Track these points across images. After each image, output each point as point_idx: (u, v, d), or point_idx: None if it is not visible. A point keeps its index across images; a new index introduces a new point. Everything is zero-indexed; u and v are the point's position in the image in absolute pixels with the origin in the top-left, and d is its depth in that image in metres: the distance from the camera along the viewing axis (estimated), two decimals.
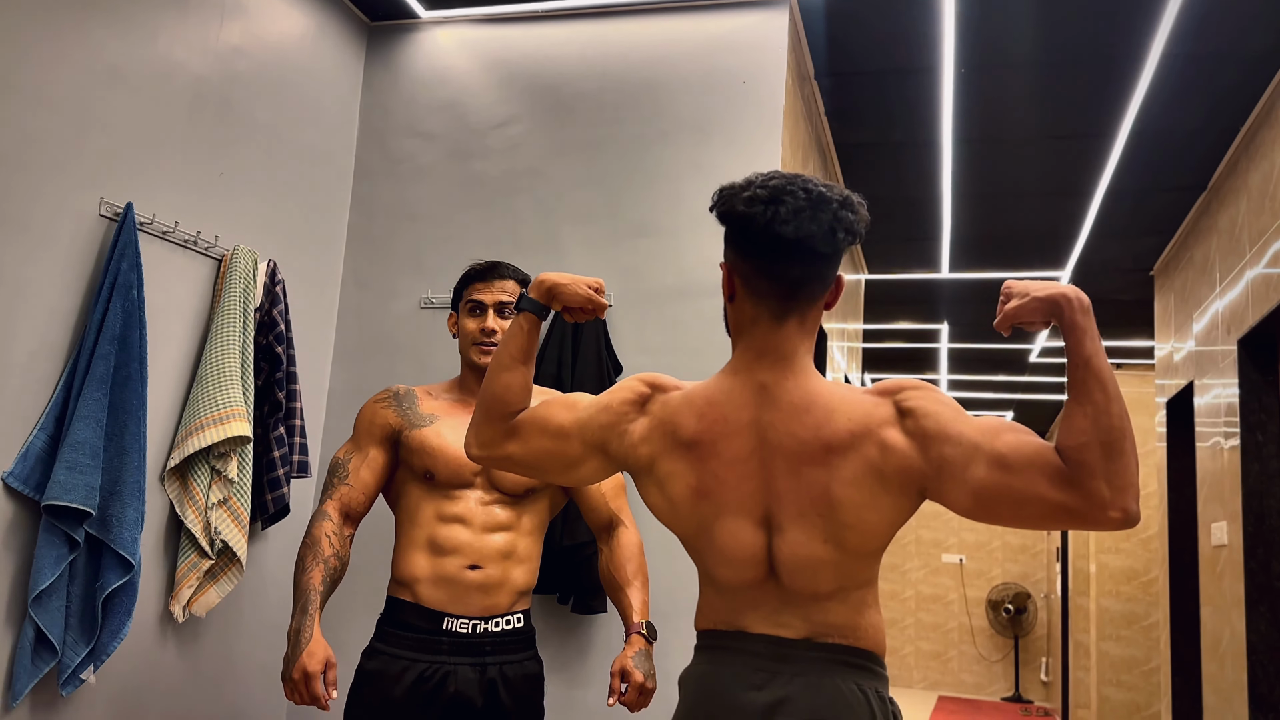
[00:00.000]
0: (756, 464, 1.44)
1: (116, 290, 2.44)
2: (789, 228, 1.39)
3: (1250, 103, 3.68)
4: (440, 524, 2.09)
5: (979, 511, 1.36)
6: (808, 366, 1.48)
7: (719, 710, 1.46)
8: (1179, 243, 5.05)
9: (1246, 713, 3.79)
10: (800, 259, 1.42)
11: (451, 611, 2.06)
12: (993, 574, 11.72)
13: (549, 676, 2.98)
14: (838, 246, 1.42)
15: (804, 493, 1.42)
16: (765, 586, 1.48)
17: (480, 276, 2.19)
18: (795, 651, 1.45)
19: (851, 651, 1.46)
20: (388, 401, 2.18)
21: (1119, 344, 7.14)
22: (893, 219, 5.01)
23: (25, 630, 2.28)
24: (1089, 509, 1.28)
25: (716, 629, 1.52)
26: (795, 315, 1.46)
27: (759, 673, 1.45)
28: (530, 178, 3.29)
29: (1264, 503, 3.84)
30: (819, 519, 1.42)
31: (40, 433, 2.33)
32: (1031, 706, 10.69)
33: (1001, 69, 3.52)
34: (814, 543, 1.42)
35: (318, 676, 1.91)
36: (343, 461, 2.15)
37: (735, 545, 1.47)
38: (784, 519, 1.44)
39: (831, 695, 1.42)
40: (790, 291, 1.44)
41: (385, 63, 3.52)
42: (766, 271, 1.44)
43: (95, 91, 2.49)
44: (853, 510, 1.41)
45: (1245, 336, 3.91)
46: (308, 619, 1.95)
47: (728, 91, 3.15)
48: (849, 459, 1.40)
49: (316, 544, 2.04)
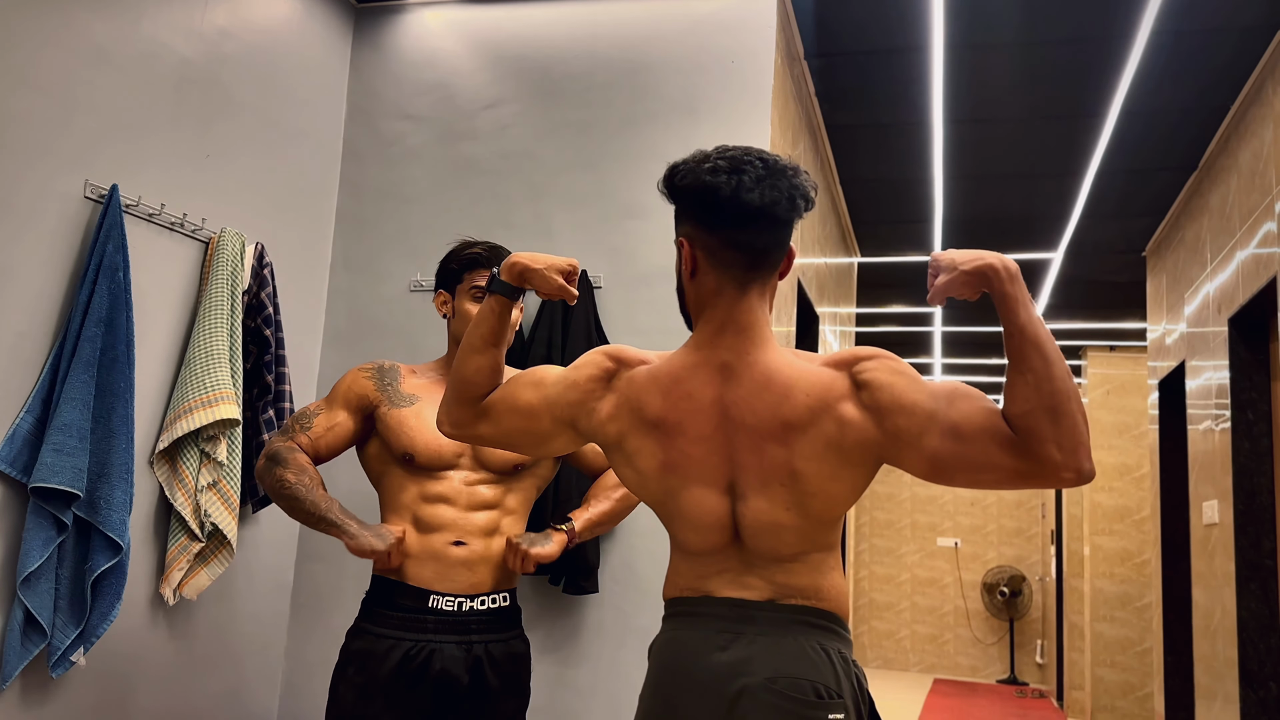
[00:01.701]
0: (721, 440, 1.48)
1: (102, 273, 2.44)
2: (754, 195, 1.42)
3: (1240, 80, 3.67)
4: (424, 503, 2.08)
5: (936, 476, 1.41)
6: (768, 338, 1.51)
7: (685, 673, 1.50)
8: (1171, 223, 5.05)
9: (1237, 690, 3.81)
10: (766, 226, 1.45)
11: (438, 589, 2.06)
12: (988, 557, 11.76)
13: (541, 657, 2.99)
14: (798, 213, 1.47)
15: (766, 466, 1.46)
16: (730, 551, 1.52)
17: (485, 263, 2.18)
18: (759, 612, 1.49)
19: (814, 612, 1.50)
20: (370, 373, 2.18)
21: (1111, 326, 7.15)
22: (885, 201, 5.01)
23: (14, 612, 2.28)
24: (1043, 471, 1.32)
25: (683, 596, 1.56)
26: (757, 285, 1.50)
27: (723, 634, 1.49)
28: (519, 159, 3.28)
29: (1255, 481, 3.85)
30: (782, 489, 1.46)
31: (27, 415, 2.33)
32: (1026, 688, 10.74)
33: (991, 48, 3.51)
34: (777, 509, 1.47)
35: (399, 534, 2.02)
36: (311, 414, 2.15)
37: (701, 512, 1.51)
38: (747, 488, 1.48)
39: (794, 653, 1.46)
40: (755, 260, 1.47)
41: (373, 44, 3.50)
42: (734, 241, 1.47)
43: (80, 73, 2.48)
44: (815, 481, 1.45)
45: (1236, 315, 3.91)
46: (349, 520, 2.02)
47: (716, 72, 3.14)
48: (808, 435, 1.44)
49: (304, 471, 2.06)
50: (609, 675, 2.93)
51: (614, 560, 2.98)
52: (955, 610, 11.73)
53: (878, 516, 12.15)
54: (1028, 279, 6.04)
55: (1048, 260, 5.75)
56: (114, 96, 2.57)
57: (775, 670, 1.45)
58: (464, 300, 2.18)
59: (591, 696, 2.94)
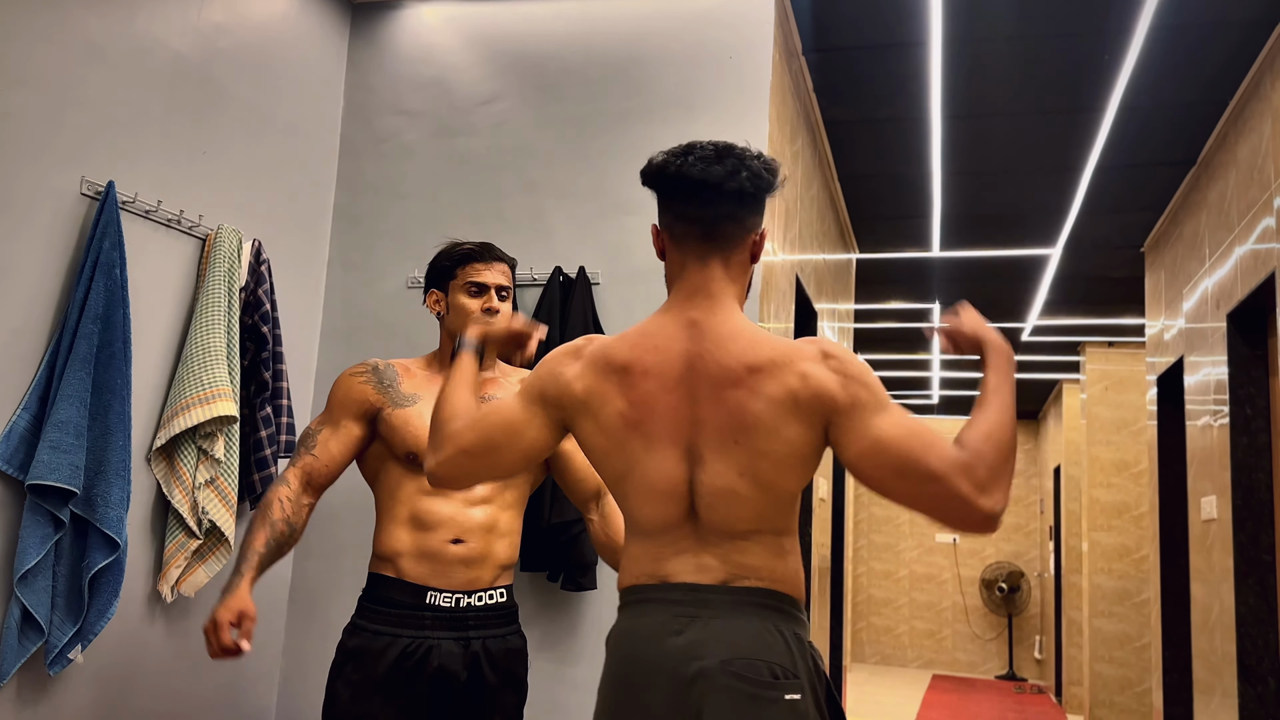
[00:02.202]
0: (685, 391, 1.53)
1: (99, 269, 2.43)
2: (696, 169, 1.54)
3: (1239, 75, 3.67)
4: (422, 499, 2.08)
5: (865, 463, 1.47)
6: (735, 308, 1.59)
7: (642, 659, 1.53)
8: (1169, 218, 5.05)
9: (1235, 685, 3.82)
10: (710, 198, 1.56)
11: (435, 585, 2.06)
12: (986, 553, 11.76)
13: (539, 653, 2.99)
14: (742, 185, 1.55)
15: (724, 416, 1.51)
16: (685, 528, 1.55)
17: (479, 257, 2.18)
18: (713, 595, 1.53)
19: (768, 594, 1.54)
20: (366, 376, 2.16)
21: (1110, 322, 7.15)
22: (883, 197, 5.00)
23: (11, 610, 2.28)
24: (961, 490, 1.42)
25: (639, 583, 1.59)
26: (717, 256, 1.58)
27: (678, 618, 1.52)
28: (516, 155, 3.28)
29: (1253, 476, 3.85)
30: (735, 447, 1.50)
31: (24, 412, 2.32)
32: (1025, 684, 10.75)
33: (989, 43, 3.50)
34: (730, 474, 1.51)
35: (225, 625, 1.93)
36: (313, 433, 2.15)
37: (660, 478, 1.54)
38: (705, 449, 1.52)
39: (749, 635, 1.50)
40: (707, 231, 1.57)
41: (369, 40, 3.50)
42: (684, 215, 1.59)
43: (75, 69, 2.47)
44: (765, 435, 1.49)
45: (1234, 311, 3.91)
46: (238, 578, 1.98)
47: (714, 67, 3.13)
48: (768, 381, 1.50)
49: (267, 507, 2.05)
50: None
51: None
52: (954, 606, 11.74)
53: (876, 513, 12.15)
54: (1027, 275, 6.06)
55: (1046, 256, 5.75)
56: (109, 92, 2.56)
57: (731, 652, 1.48)
58: (458, 295, 2.18)
59: (589, 692, 2.94)
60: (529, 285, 3.17)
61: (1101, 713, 7.58)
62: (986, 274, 6.15)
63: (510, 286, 2.20)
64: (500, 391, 2.19)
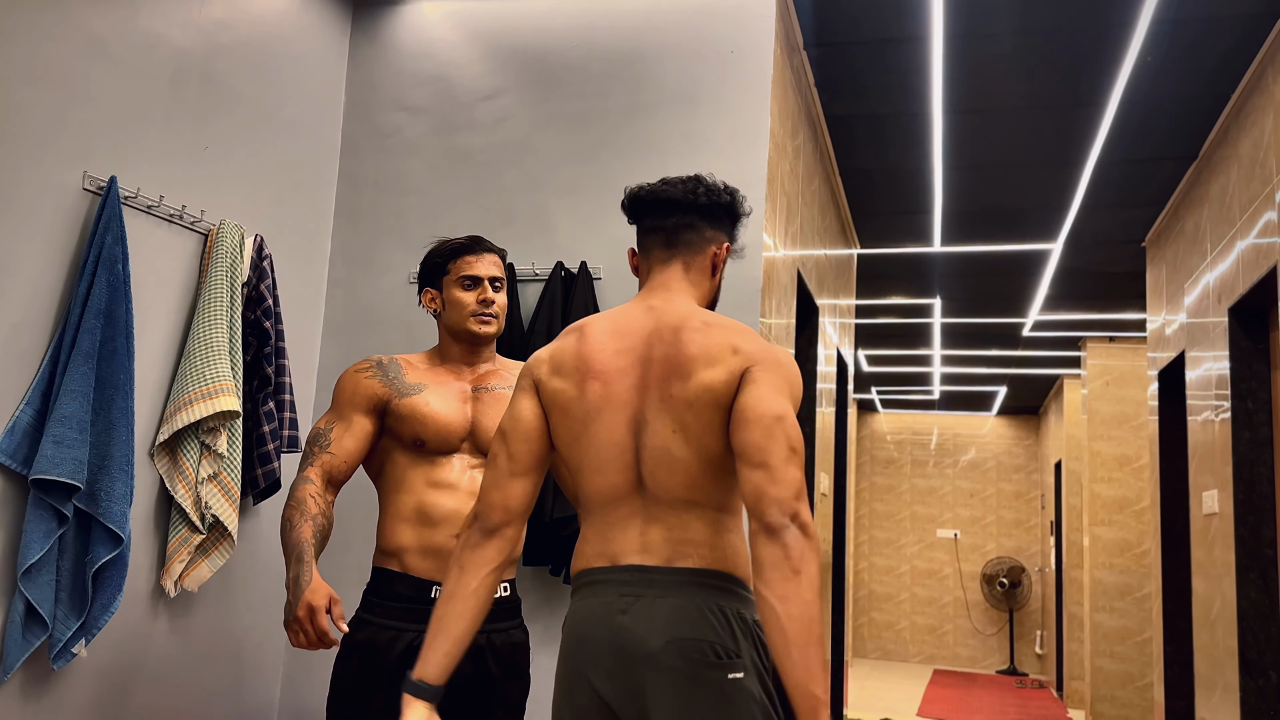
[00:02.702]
0: (635, 359, 1.66)
1: (101, 264, 2.43)
2: (660, 188, 1.78)
3: (1241, 69, 3.67)
4: (428, 491, 2.09)
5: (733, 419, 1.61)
6: (691, 301, 1.74)
7: (590, 640, 1.59)
8: (1170, 213, 5.05)
9: (1237, 679, 3.82)
10: (671, 210, 1.77)
11: (440, 580, 2.07)
12: (987, 548, 11.77)
13: (542, 647, 3.00)
14: (698, 198, 1.76)
15: (665, 379, 1.63)
16: (633, 501, 1.64)
17: (470, 249, 2.19)
18: (659, 575, 1.60)
19: (712, 574, 1.60)
20: (371, 371, 2.17)
21: (1111, 317, 7.15)
22: (884, 192, 5.00)
23: (15, 604, 2.28)
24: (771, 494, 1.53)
25: (589, 566, 1.66)
26: (679, 260, 1.77)
27: (624, 598, 1.59)
28: (518, 150, 3.28)
29: (1254, 470, 3.86)
30: (670, 401, 1.62)
31: (27, 407, 2.33)
32: (1026, 679, 10.76)
33: (991, 38, 3.50)
34: (666, 430, 1.61)
35: (323, 611, 1.89)
36: (324, 431, 2.14)
37: (610, 442, 1.64)
38: (649, 413, 1.63)
39: (692, 616, 1.56)
40: (669, 238, 1.77)
41: (370, 36, 3.50)
42: (651, 227, 1.79)
43: (78, 65, 2.47)
44: (690, 387, 1.61)
45: (1236, 305, 3.91)
46: (304, 566, 1.95)
47: (715, 62, 3.13)
48: (706, 368, 1.62)
49: (302, 503, 2.04)
50: None
51: None
52: (955, 601, 11.75)
53: (877, 508, 12.16)
54: (1028, 270, 6.06)
55: (1047, 251, 5.75)
56: (112, 89, 2.57)
57: (674, 632, 1.54)
58: (452, 290, 2.18)
59: None
60: (531, 280, 3.18)
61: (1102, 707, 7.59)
62: (988, 269, 6.15)
63: (503, 277, 2.21)
64: (501, 383, 2.20)
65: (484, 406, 2.16)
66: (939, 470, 12.05)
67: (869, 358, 9.01)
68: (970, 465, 11.97)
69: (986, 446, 11.96)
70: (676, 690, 1.52)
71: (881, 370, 9.56)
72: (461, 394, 2.17)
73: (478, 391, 2.18)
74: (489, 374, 2.22)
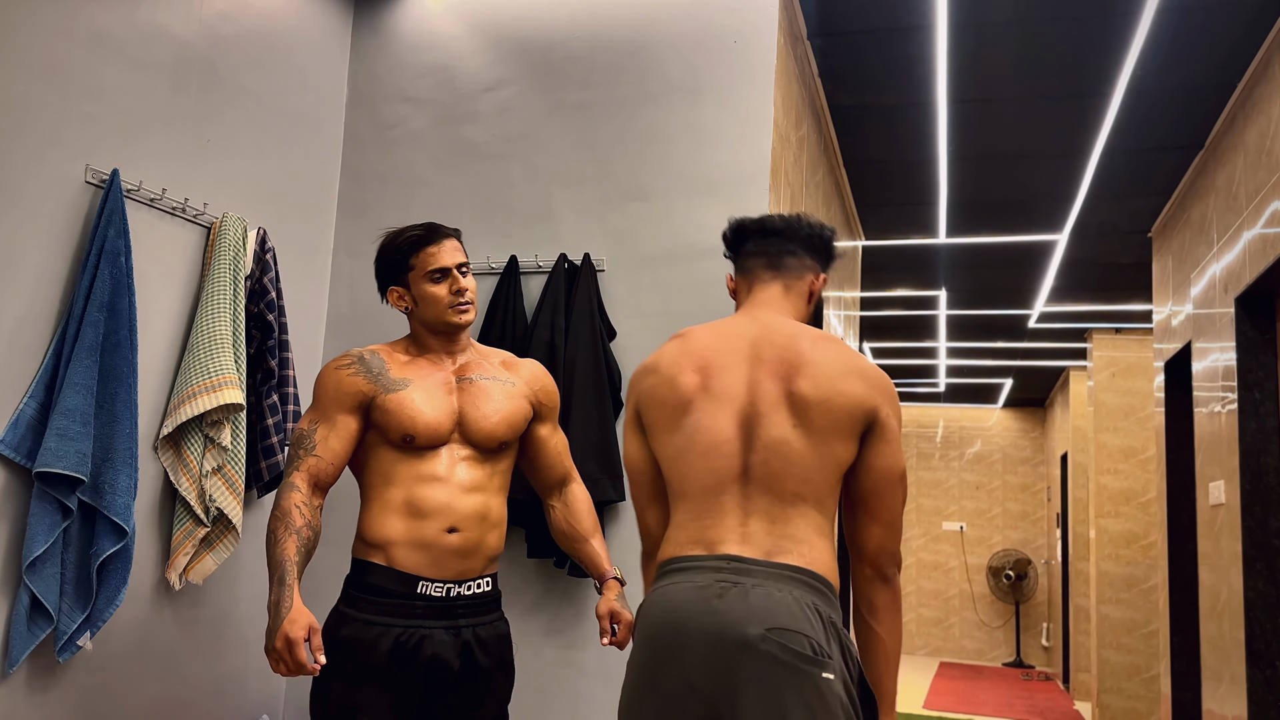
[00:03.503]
0: (742, 357, 1.74)
1: (104, 257, 2.43)
2: (762, 216, 1.94)
3: (1248, 57, 3.64)
4: (418, 484, 2.05)
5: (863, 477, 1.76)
6: (797, 319, 1.86)
7: (681, 625, 1.59)
8: (1177, 203, 5.03)
9: (1244, 670, 3.81)
10: (776, 238, 1.91)
11: (427, 575, 2.03)
12: (993, 541, 11.76)
13: (547, 639, 3.00)
14: (801, 230, 1.91)
15: (785, 376, 1.71)
16: (735, 491, 1.68)
17: (429, 240, 2.13)
18: (757, 567, 1.62)
19: (809, 574, 1.63)
20: (354, 368, 2.10)
21: (1117, 308, 7.13)
22: (889, 183, 4.99)
23: (20, 597, 2.28)
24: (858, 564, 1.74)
25: (681, 554, 1.68)
26: (779, 283, 1.89)
27: (720, 583, 1.60)
28: (521, 142, 3.27)
29: (1261, 461, 3.84)
30: (794, 402, 1.69)
31: (30, 400, 2.33)
32: (1032, 671, 10.75)
33: (995, 27, 3.48)
34: (787, 425, 1.67)
35: (301, 643, 1.86)
36: (308, 433, 2.07)
37: (714, 429, 1.70)
38: (763, 406, 1.70)
39: (792, 607, 1.58)
40: (771, 261, 1.89)
41: (373, 27, 3.49)
42: (754, 251, 1.92)
43: (79, 58, 2.47)
44: (827, 392, 1.69)
45: (1242, 295, 3.89)
46: (286, 589, 1.90)
47: (719, 52, 3.12)
48: (840, 379, 1.71)
49: (287, 515, 1.97)
50: (612, 657, 2.94)
51: (619, 543, 2.98)
52: (961, 594, 11.74)
53: None
54: (1034, 261, 6.03)
55: (1053, 242, 5.72)
56: (114, 82, 2.56)
57: (772, 622, 1.56)
58: (422, 285, 2.12)
59: (597, 677, 2.95)
60: (534, 272, 3.17)
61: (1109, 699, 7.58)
62: (993, 260, 6.13)
63: (467, 260, 2.16)
64: (484, 373, 2.17)
65: (469, 398, 2.12)
66: (945, 463, 12.03)
67: (874, 350, 8.99)
68: (976, 458, 11.95)
69: (992, 439, 11.94)
70: (772, 679, 1.54)
71: (887, 363, 9.55)
72: (446, 385, 2.13)
73: (462, 382, 2.14)
74: (470, 364, 2.18)
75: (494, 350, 2.28)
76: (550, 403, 2.29)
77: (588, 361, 2.96)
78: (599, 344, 2.98)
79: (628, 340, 3.07)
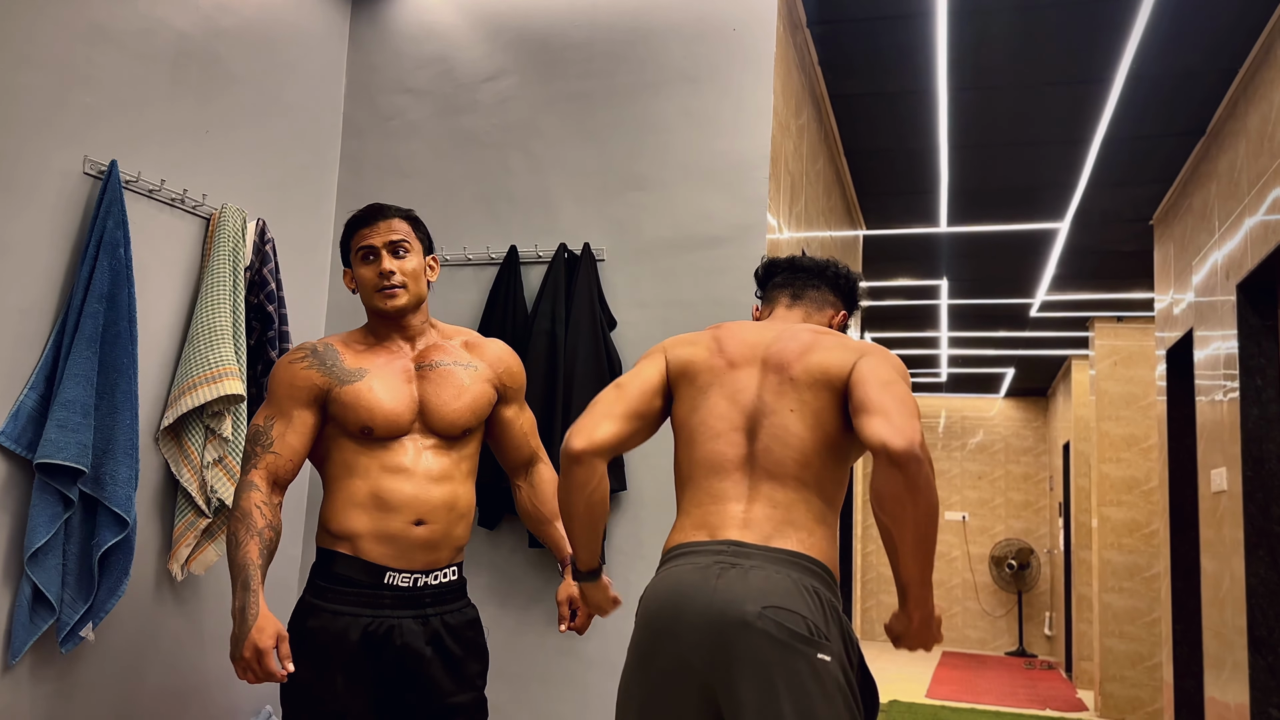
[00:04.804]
0: (757, 355, 1.81)
1: (103, 248, 2.43)
2: (796, 258, 2.04)
3: (1249, 42, 3.63)
4: (383, 476, 2.02)
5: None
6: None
7: (680, 606, 1.61)
8: (1178, 190, 5.01)
9: (1246, 656, 3.81)
10: (799, 271, 2.02)
11: (394, 566, 2.01)
12: (995, 530, 11.76)
13: (549, 629, 3.00)
14: (826, 269, 2.01)
15: (783, 366, 1.77)
16: (739, 477, 1.70)
17: (364, 222, 2.09)
18: (756, 550, 1.64)
19: (809, 559, 1.65)
20: (307, 361, 2.06)
21: (1119, 296, 7.11)
22: (890, 172, 4.97)
23: (23, 588, 2.29)
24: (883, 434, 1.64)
25: (685, 540, 1.70)
26: (800, 310, 1.98)
27: (719, 565, 1.62)
28: (520, 132, 3.26)
29: (1263, 447, 3.84)
30: (793, 387, 1.74)
31: (31, 392, 2.33)
32: (1035, 660, 10.76)
33: (994, 13, 3.47)
34: (786, 410, 1.72)
35: (270, 652, 1.85)
36: (264, 429, 2.03)
37: (724, 415, 1.74)
38: (768, 396, 1.75)
39: (789, 588, 1.59)
40: (795, 292, 2.00)
41: (371, 18, 3.48)
42: (780, 283, 2.03)
43: (78, 48, 2.46)
44: (812, 370, 1.74)
45: (1244, 281, 3.88)
46: (250, 595, 1.87)
47: (718, 40, 3.11)
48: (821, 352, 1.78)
49: (248, 516, 1.94)
50: (616, 645, 2.94)
51: (619, 532, 2.99)
52: (964, 583, 11.75)
53: None
54: (1035, 249, 6.02)
55: (1054, 230, 5.71)
56: (112, 72, 2.56)
57: (769, 601, 1.57)
58: (357, 267, 2.10)
59: (598, 667, 2.95)
60: (534, 262, 3.17)
61: (1112, 687, 7.58)
62: (994, 249, 6.12)
63: (407, 239, 2.08)
64: (446, 357, 2.12)
65: (430, 385, 2.08)
66: (947, 453, 12.03)
67: (876, 340, 8.98)
68: (978, 448, 11.95)
69: (994, 429, 11.93)
70: (767, 658, 1.54)
71: None
72: (405, 374, 2.08)
73: (422, 369, 2.09)
74: (431, 349, 2.13)
75: (457, 329, 2.22)
76: (515, 384, 2.23)
77: (588, 351, 2.96)
78: (599, 334, 2.98)
79: (628, 330, 3.07)
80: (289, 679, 1.92)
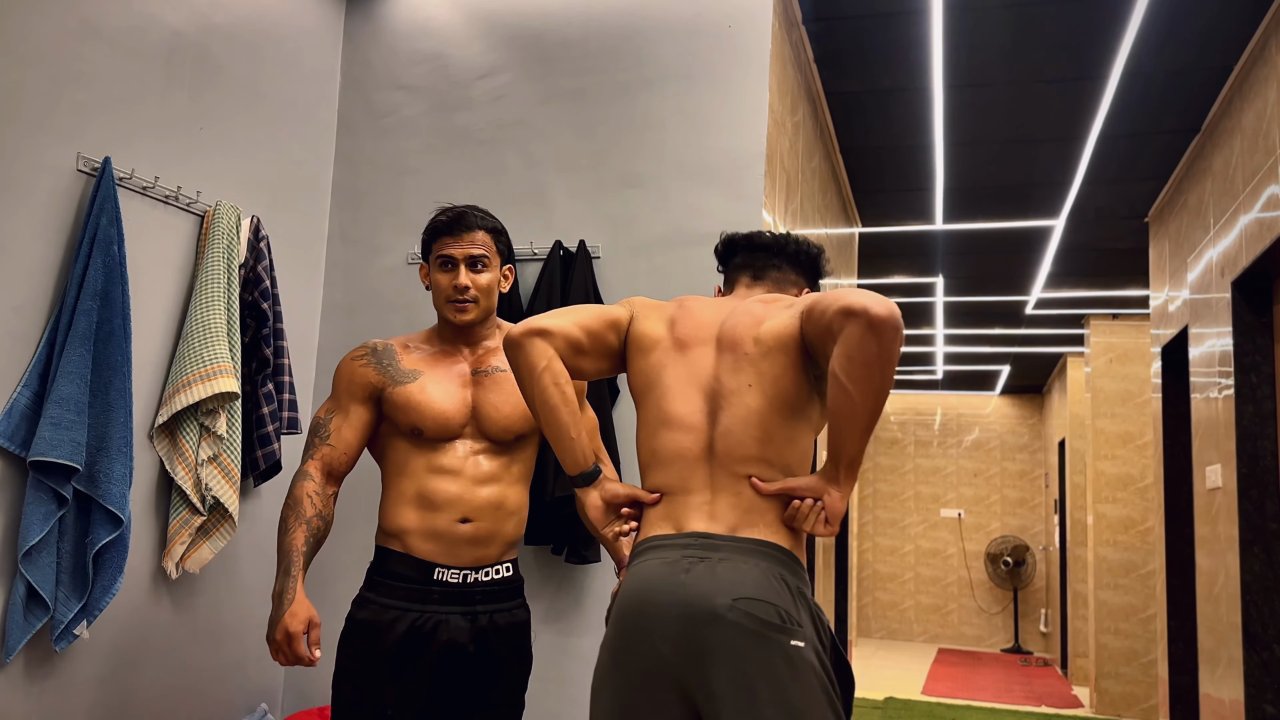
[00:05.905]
0: (712, 335, 1.78)
1: (97, 246, 2.42)
2: (754, 234, 2.01)
3: (1244, 40, 3.63)
4: (429, 477, 2.07)
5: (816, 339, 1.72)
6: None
7: (650, 601, 1.61)
8: (1173, 187, 5.02)
9: (1240, 653, 3.82)
10: (759, 250, 1.99)
11: (442, 563, 2.06)
12: (991, 527, 11.78)
13: (545, 626, 3.00)
14: (786, 246, 1.97)
15: (736, 342, 1.74)
16: (702, 468, 1.69)
17: (448, 230, 2.13)
18: (723, 542, 1.64)
19: (776, 547, 1.65)
20: (366, 359, 2.14)
21: (1114, 294, 7.12)
22: (885, 169, 4.97)
23: (16, 586, 2.28)
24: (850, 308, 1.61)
25: (652, 535, 1.70)
26: (761, 289, 1.94)
27: (687, 559, 1.62)
28: (515, 129, 3.26)
29: (1258, 444, 3.84)
30: (749, 361, 1.71)
31: (24, 389, 2.32)
32: (1031, 657, 10.78)
33: (990, 10, 3.47)
34: (742, 386, 1.70)
35: (300, 637, 1.92)
36: (324, 421, 2.12)
37: (682, 399, 1.73)
38: (724, 377, 1.72)
39: (758, 578, 1.59)
40: (756, 273, 1.96)
41: (365, 14, 3.47)
42: (740, 264, 1.99)
43: (70, 45, 2.45)
44: (764, 339, 1.72)
45: (1239, 279, 3.89)
46: (290, 580, 1.96)
47: (713, 37, 3.11)
48: (771, 320, 1.76)
49: (298, 504, 2.03)
50: None
51: None
52: (959, 580, 11.76)
53: (881, 489, 12.16)
54: (1031, 246, 6.03)
55: (1050, 227, 5.72)
56: (106, 69, 2.55)
57: (739, 593, 1.56)
58: (434, 271, 2.14)
59: (593, 665, 2.95)
60: (529, 259, 3.16)
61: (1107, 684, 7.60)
62: (990, 246, 6.12)
63: (488, 254, 2.13)
64: (503, 362, 2.17)
65: (484, 391, 2.12)
66: (943, 450, 12.04)
67: None
68: (974, 445, 11.96)
69: (990, 426, 11.95)
70: (741, 650, 1.54)
71: None
72: (460, 378, 2.13)
73: (478, 375, 2.13)
74: (490, 353, 2.17)
75: None
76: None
77: None
78: None
79: None
80: (338, 667, 2.02)
